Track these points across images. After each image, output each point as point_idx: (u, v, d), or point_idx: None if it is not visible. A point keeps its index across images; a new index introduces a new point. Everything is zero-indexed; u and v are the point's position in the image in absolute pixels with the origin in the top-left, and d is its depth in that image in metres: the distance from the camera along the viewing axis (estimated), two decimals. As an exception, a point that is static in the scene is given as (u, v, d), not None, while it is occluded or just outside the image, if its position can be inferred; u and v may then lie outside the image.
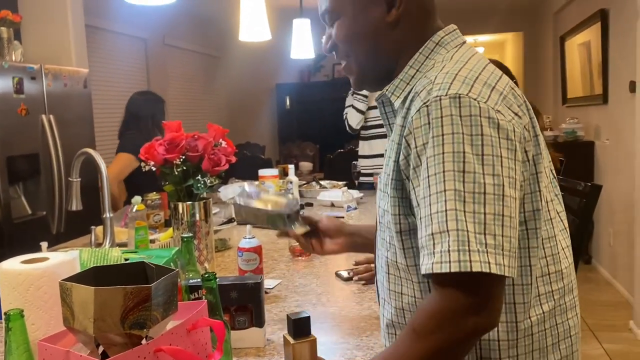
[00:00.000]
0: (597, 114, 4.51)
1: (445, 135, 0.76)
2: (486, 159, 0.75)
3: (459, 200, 0.73)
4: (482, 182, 0.74)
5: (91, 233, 1.89)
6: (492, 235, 0.73)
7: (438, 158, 0.76)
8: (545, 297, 0.87)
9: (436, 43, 0.92)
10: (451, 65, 0.85)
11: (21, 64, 3.05)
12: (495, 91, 0.81)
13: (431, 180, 0.76)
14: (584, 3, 4.71)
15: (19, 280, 0.91)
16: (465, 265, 0.71)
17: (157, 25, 5.53)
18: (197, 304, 0.78)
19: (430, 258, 0.75)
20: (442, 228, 0.74)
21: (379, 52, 0.94)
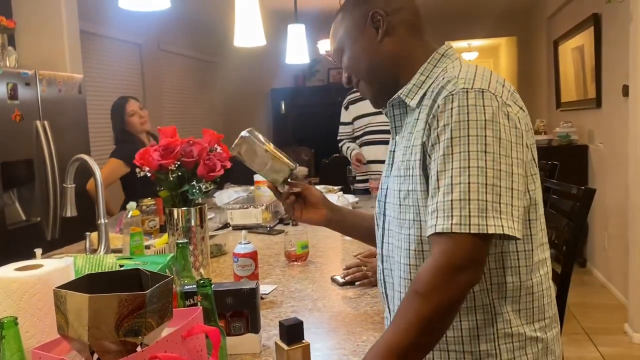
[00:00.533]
0: (590, 117, 4.53)
1: (470, 121, 0.91)
2: (502, 142, 0.91)
3: (481, 175, 0.89)
4: (498, 161, 0.90)
5: (86, 239, 1.89)
6: (505, 204, 0.89)
7: (464, 139, 0.91)
8: (542, 263, 1.04)
9: (442, 54, 1.09)
10: (465, 68, 1.02)
11: (15, 70, 3.04)
12: (505, 88, 0.99)
13: (455, 157, 0.91)
14: (576, 8, 4.74)
15: (13, 287, 0.90)
16: (482, 227, 0.87)
17: (152, 30, 5.53)
18: (192, 311, 0.78)
19: (448, 220, 0.89)
20: (464, 197, 0.88)
21: (378, 69, 1.12)
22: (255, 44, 2.27)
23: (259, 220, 2.49)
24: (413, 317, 0.87)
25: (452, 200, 0.89)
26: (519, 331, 1.00)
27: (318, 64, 7.29)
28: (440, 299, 0.87)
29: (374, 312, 1.37)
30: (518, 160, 0.92)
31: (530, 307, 1.02)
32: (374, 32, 1.10)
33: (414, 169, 1.00)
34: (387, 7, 1.10)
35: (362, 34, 1.11)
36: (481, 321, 0.99)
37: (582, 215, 1.69)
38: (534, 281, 1.01)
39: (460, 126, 0.92)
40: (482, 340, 0.99)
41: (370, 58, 1.11)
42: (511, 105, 0.96)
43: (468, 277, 0.89)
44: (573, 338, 3.29)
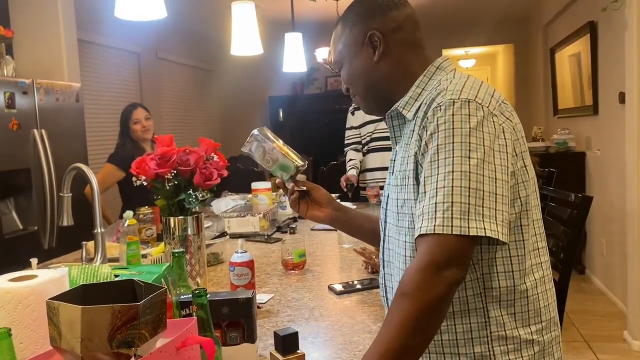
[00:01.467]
0: (587, 124, 4.54)
1: (455, 129, 0.95)
2: (486, 150, 0.94)
3: (464, 179, 0.92)
4: (482, 166, 0.93)
5: (82, 248, 1.88)
6: (487, 208, 0.91)
7: (449, 146, 0.94)
8: (536, 267, 1.06)
9: (437, 67, 1.13)
10: (457, 79, 1.05)
11: (13, 79, 3.04)
12: (494, 99, 1.01)
13: (440, 163, 0.94)
14: (573, 15, 4.77)
15: (7, 298, 0.89)
16: (464, 229, 0.89)
17: (150, 39, 5.54)
18: (187, 322, 0.77)
19: (431, 222, 0.91)
20: (447, 199, 0.91)
21: (373, 87, 1.16)
22: (252, 52, 2.28)
23: (257, 229, 2.48)
24: (400, 319, 0.88)
25: (436, 203, 0.92)
26: (513, 334, 1.02)
27: (316, 72, 7.32)
28: (425, 297, 0.88)
29: (371, 321, 1.37)
30: (502, 167, 0.95)
31: (526, 311, 1.03)
32: (371, 51, 1.13)
33: (409, 178, 1.04)
34: (384, 27, 1.12)
35: (360, 52, 1.15)
36: (475, 324, 1.02)
37: (579, 222, 1.69)
38: (527, 285, 1.03)
39: (445, 134, 0.95)
40: (476, 343, 1.02)
41: (366, 76, 1.15)
42: (497, 115, 0.99)
43: (451, 275, 0.89)
44: (572, 346, 3.28)
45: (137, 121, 3.18)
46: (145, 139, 3.21)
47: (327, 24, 5.88)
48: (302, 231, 2.56)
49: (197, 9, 5.61)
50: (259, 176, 4.78)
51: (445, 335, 1.03)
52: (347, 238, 2.22)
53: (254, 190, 2.90)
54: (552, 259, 1.83)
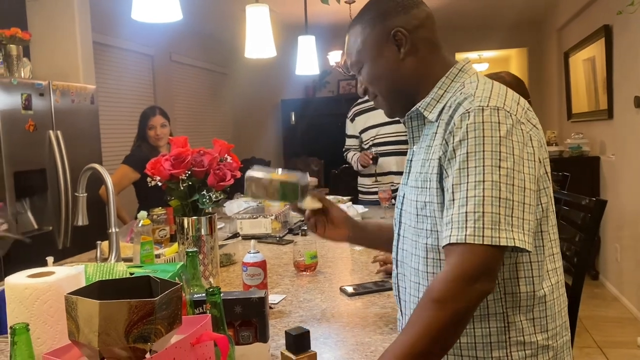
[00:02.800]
0: (602, 129, 4.51)
1: (486, 137, 0.95)
2: (516, 159, 0.94)
3: (494, 189, 0.92)
4: (512, 176, 0.93)
5: (97, 248, 1.90)
6: (517, 218, 0.92)
7: (479, 155, 0.94)
8: (553, 272, 1.07)
9: (459, 69, 1.12)
10: (482, 85, 1.05)
11: (30, 81, 3.09)
12: (520, 106, 1.02)
13: (470, 171, 0.94)
14: (587, 19, 4.74)
15: (25, 294, 0.91)
16: (495, 240, 0.90)
17: (164, 42, 5.59)
18: (201, 318, 0.78)
19: (462, 231, 0.92)
20: (478, 209, 0.91)
21: (398, 86, 1.14)
22: (266, 55, 2.29)
23: (268, 230, 2.49)
24: (427, 324, 0.90)
25: (467, 213, 0.92)
26: (531, 339, 1.03)
27: (328, 75, 7.33)
28: (455, 307, 0.90)
29: (382, 323, 1.37)
30: (530, 175, 0.96)
31: (544, 316, 1.04)
32: (395, 49, 1.12)
33: (431, 181, 1.04)
34: (408, 25, 1.11)
35: (383, 51, 1.13)
36: (494, 329, 1.02)
37: (593, 226, 1.68)
38: (545, 290, 1.04)
39: (475, 142, 0.95)
40: (494, 347, 1.02)
41: (391, 75, 1.14)
42: (525, 123, 0.99)
43: (482, 287, 0.91)
44: (585, 352, 3.25)
45: (152, 127, 3.17)
46: (158, 145, 3.21)
47: (339, 27, 5.89)
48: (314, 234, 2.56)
49: (211, 12, 5.66)
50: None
51: (463, 338, 1.04)
52: (358, 247, 2.22)
53: (266, 192, 2.90)
54: (566, 263, 1.82)
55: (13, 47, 3.21)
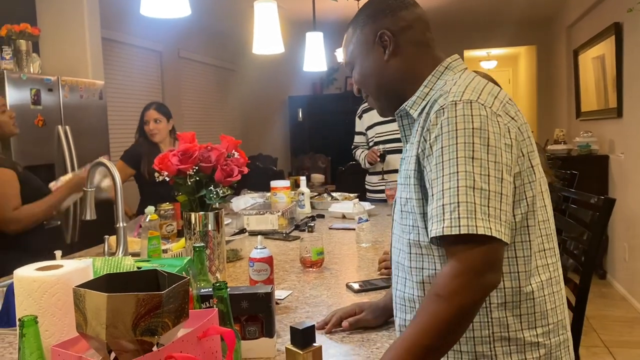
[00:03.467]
0: (611, 127, 4.48)
1: (458, 130, 0.95)
2: (490, 149, 0.94)
3: (469, 179, 0.92)
4: (486, 166, 0.93)
5: (104, 242, 1.91)
6: (493, 208, 0.92)
7: (452, 147, 0.94)
8: (543, 268, 1.05)
9: (445, 67, 1.13)
10: (461, 81, 1.05)
11: (39, 76, 3.11)
12: (497, 99, 1.02)
13: (445, 165, 0.94)
14: (597, 16, 4.70)
15: (34, 287, 0.92)
16: (472, 229, 0.89)
17: (172, 38, 5.61)
18: (208, 312, 0.78)
19: (440, 224, 0.92)
20: (453, 200, 0.92)
21: (384, 86, 1.17)
22: (274, 51, 2.29)
23: (275, 226, 2.50)
24: (433, 319, 0.91)
25: (444, 205, 0.93)
26: (517, 336, 1.02)
27: (336, 72, 7.32)
28: (460, 301, 0.90)
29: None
30: (507, 167, 0.95)
31: (532, 313, 1.03)
32: (381, 50, 1.14)
33: (411, 178, 1.05)
34: (394, 26, 1.13)
35: (370, 52, 1.16)
36: (477, 323, 1.02)
37: (601, 225, 1.67)
38: (533, 287, 1.03)
39: (449, 136, 0.96)
40: (477, 342, 1.02)
41: (377, 76, 1.16)
42: (502, 116, 0.99)
43: (487, 280, 0.91)
44: (592, 351, 3.23)
45: (146, 122, 3.16)
46: (153, 141, 3.16)
47: (346, 25, 5.88)
48: (321, 230, 2.57)
49: (220, 8, 5.66)
50: (279, 174, 4.80)
51: None
52: (364, 237, 2.23)
53: (273, 188, 2.92)
54: (574, 262, 1.81)
55: (22, 42, 3.23)
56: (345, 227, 2.60)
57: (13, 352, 1.22)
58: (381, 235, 2.40)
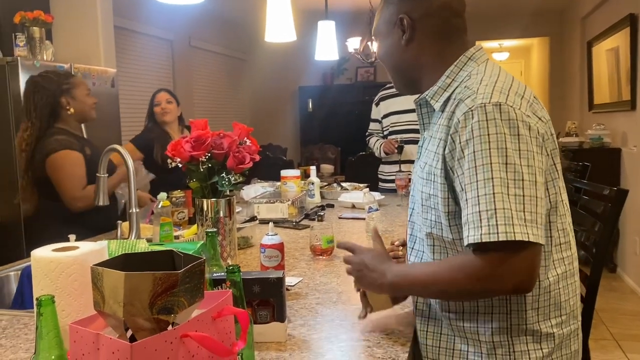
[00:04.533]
0: (624, 120, 4.44)
1: (490, 134, 0.95)
2: (522, 154, 0.95)
3: (503, 185, 0.93)
4: (520, 171, 0.93)
5: (117, 228, 1.93)
6: (529, 212, 0.92)
7: (485, 152, 0.95)
8: (559, 262, 1.07)
9: (468, 58, 1.11)
10: (487, 78, 1.04)
11: (52, 63, 3.13)
12: (524, 100, 1.01)
13: (478, 170, 0.95)
14: (612, 8, 4.65)
15: (51, 267, 0.93)
16: (510, 235, 0.90)
17: (184, 27, 5.61)
18: (223, 293, 0.80)
19: (477, 230, 0.93)
20: (489, 207, 0.92)
21: (400, 69, 1.18)
22: (286, 39, 2.29)
23: (285, 215, 2.51)
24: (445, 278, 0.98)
25: (480, 212, 0.93)
26: (534, 328, 1.05)
27: (346, 62, 7.29)
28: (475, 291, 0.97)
29: (399, 307, 1.37)
30: (539, 169, 0.96)
31: (547, 305, 1.05)
32: (400, 34, 1.13)
33: (436, 175, 1.05)
34: (415, 13, 1.12)
35: (390, 33, 1.16)
36: (496, 315, 1.05)
37: (613, 217, 1.66)
38: (550, 280, 1.05)
39: (481, 140, 0.95)
40: (495, 332, 1.05)
41: (394, 58, 1.17)
42: (530, 116, 0.99)
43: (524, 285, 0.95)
44: (601, 344, 3.23)
45: (157, 104, 3.23)
46: (164, 121, 3.22)
47: (359, 14, 5.85)
48: (330, 219, 2.57)
49: (231, -2, 5.65)
50: (288, 164, 4.81)
51: (467, 322, 1.07)
52: (374, 226, 2.23)
53: (283, 177, 2.93)
54: (585, 253, 1.81)
55: (36, 29, 3.25)
56: (355, 217, 2.61)
57: (28, 333, 1.24)
58: (391, 225, 2.40)
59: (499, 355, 1.05)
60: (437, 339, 1.12)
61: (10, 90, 2.93)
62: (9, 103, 2.93)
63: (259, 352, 1.12)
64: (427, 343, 1.14)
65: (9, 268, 1.85)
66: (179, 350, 0.68)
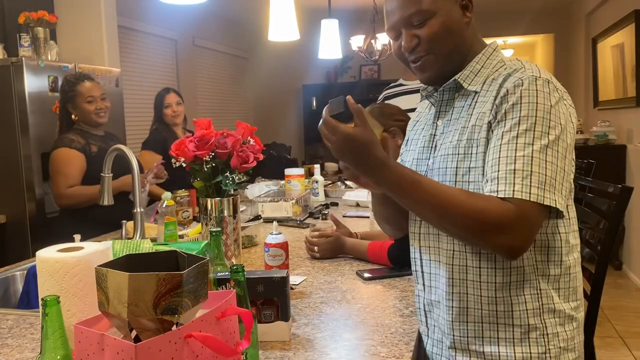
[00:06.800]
0: (629, 117, 4.42)
1: (538, 104, 1.00)
2: (562, 128, 1.00)
3: (542, 152, 0.98)
4: (558, 143, 0.99)
5: (122, 227, 1.94)
6: (559, 183, 0.98)
7: (531, 119, 0.99)
8: (574, 247, 1.11)
9: (494, 49, 1.16)
10: (527, 63, 1.10)
11: (56, 63, 3.14)
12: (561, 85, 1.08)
13: (521, 133, 0.99)
14: (617, 4, 4.62)
15: (56, 267, 0.94)
16: (540, 198, 0.96)
17: (187, 26, 5.62)
18: (227, 293, 0.80)
19: (510, 186, 0.97)
20: (526, 168, 0.97)
21: (458, 47, 1.13)
22: (289, 38, 2.29)
23: (289, 214, 2.51)
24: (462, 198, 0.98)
25: (515, 170, 0.97)
26: (560, 307, 1.07)
27: (350, 61, 7.28)
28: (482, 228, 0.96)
29: (402, 306, 1.38)
30: (570, 147, 1.03)
31: (567, 287, 1.09)
32: (460, 11, 1.11)
33: (479, 146, 1.06)
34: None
35: (454, 7, 1.10)
36: (529, 296, 1.06)
37: (618, 214, 1.66)
38: (570, 262, 1.09)
39: (529, 107, 1.00)
40: (530, 315, 1.06)
41: (458, 35, 1.11)
42: (566, 100, 1.06)
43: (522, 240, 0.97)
44: (607, 342, 3.22)
45: (168, 105, 3.26)
46: (175, 123, 3.29)
47: (362, 12, 5.85)
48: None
49: (234, -3, 5.65)
50: (292, 163, 4.81)
51: (500, 306, 1.06)
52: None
53: (287, 176, 2.93)
54: (590, 251, 1.80)
55: (40, 29, 3.26)
56: (359, 215, 2.61)
57: (34, 333, 1.25)
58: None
59: (532, 339, 1.06)
60: (465, 329, 1.09)
61: (15, 91, 2.94)
62: (13, 103, 2.94)
63: (263, 351, 1.12)
64: (455, 334, 1.11)
65: (15, 267, 1.86)
66: (183, 351, 0.68)
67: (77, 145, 2.48)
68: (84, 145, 2.51)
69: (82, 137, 2.53)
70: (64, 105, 2.58)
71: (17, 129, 2.95)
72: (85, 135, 2.55)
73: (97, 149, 2.52)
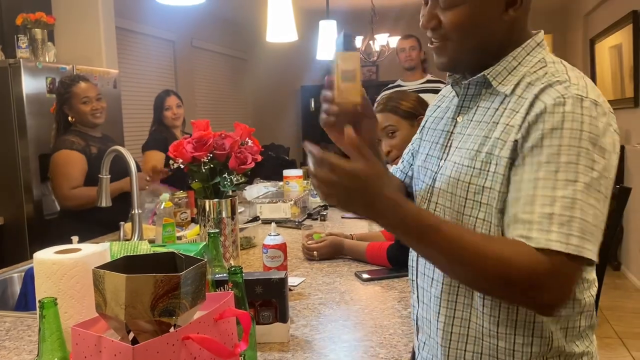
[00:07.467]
0: (627, 117, 4.42)
1: (584, 132, 0.84)
2: (606, 162, 0.85)
3: (586, 192, 0.82)
4: (600, 183, 0.84)
5: (120, 229, 1.93)
6: (599, 230, 0.83)
7: (574, 150, 0.83)
8: (590, 283, 0.99)
9: (537, 43, 0.99)
10: (571, 71, 0.94)
11: (54, 65, 3.13)
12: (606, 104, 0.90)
13: (562, 167, 0.83)
14: (615, 5, 4.63)
15: (53, 269, 0.93)
16: (580, 250, 0.80)
17: (185, 27, 5.62)
18: (225, 295, 0.79)
19: (545, 234, 0.81)
20: (566, 212, 0.81)
21: (485, 45, 0.98)
22: (287, 39, 2.29)
23: (288, 215, 2.51)
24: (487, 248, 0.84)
25: (553, 214, 0.82)
26: (570, 349, 0.97)
27: (349, 62, 7.28)
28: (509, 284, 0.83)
29: (401, 307, 1.37)
30: (612, 183, 0.87)
31: (584, 325, 0.98)
32: (502, 7, 0.95)
33: (499, 165, 0.91)
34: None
35: (490, 5, 0.95)
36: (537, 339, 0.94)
37: (616, 214, 1.66)
38: (586, 300, 0.97)
39: (572, 134, 0.84)
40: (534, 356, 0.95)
41: (486, 29, 0.96)
42: (612, 124, 0.89)
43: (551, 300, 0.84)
44: (605, 342, 3.22)
45: (168, 108, 3.26)
46: (175, 125, 3.29)
47: (361, 13, 5.85)
48: (333, 219, 2.57)
49: (232, -2, 5.65)
50: (291, 164, 4.80)
51: (502, 342, 0.95)
52: (377, 226, 2.22)
53: (285, 177, 2.92)
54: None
55: (38, 31, 3.25)
56: (358, 217, 2.60)
57: (32, 335, 1.25)
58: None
59: None
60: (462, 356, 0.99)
61: (12, 92, 2.93)
62: (11, 104, 2.94)
63: (261, 352, 1.12)
64: None
65: (12, 269, 1.85)
66: (180, 353, 0.68)
67: (78, 146, 2.50)
68: (84, 147, 2.52)
69: (81, 138, 2.54)
70: (61, 107, 2.59)
71: (14, 130, 2.95)
72: (84, 137, 2.56)
73: (97, 151, 2.53)
